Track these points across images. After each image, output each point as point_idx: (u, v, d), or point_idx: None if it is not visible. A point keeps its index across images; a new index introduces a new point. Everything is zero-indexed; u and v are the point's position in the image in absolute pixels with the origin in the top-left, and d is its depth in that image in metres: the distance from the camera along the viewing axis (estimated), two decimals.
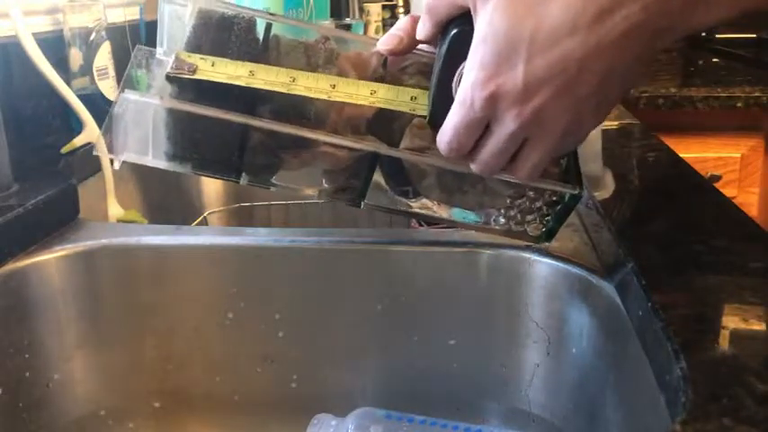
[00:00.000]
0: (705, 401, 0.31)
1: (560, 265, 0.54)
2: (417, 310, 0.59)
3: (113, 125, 0.47)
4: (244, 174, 0.49)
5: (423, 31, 0.43)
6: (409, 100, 0.45)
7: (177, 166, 0.49)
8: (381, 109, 0.47)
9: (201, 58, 0.46)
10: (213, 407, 0.62)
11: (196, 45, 0.47)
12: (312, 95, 0.46)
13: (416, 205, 0.51)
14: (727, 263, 0.44)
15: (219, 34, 0.47)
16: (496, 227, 0.51)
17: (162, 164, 0.49)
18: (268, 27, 0.48)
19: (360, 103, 0.46)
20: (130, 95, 0.47)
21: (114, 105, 0.47)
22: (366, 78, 0.47)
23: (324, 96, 0.45)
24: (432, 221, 0.57)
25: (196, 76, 0.45)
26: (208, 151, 0.49)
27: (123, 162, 0.49)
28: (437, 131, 0.42)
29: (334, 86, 0.46)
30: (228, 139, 0.48)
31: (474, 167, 0.43)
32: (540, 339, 0.56)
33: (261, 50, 0.48)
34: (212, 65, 0.46)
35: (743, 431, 0.29)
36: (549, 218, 0.49)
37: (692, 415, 0.30)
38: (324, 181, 0.52)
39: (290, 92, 0.46)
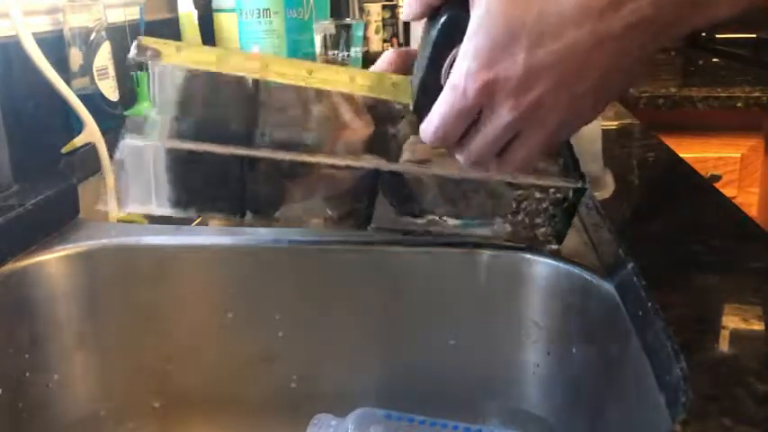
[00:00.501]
0: (705, 401, 0.31)
1: (560, 264, 0.54)
2: (417, 310, 0.59)
3: (118, 173, 0.48)
4: (248, 211, 0.50)
5: (410, 11, 0.40)
6: (391, 87, 0.43)
7: (181, 211, 0.49)
8: (377, 129, 0.46)
9: (165, 43, 0.44)
10: (213, 407, 0.62)
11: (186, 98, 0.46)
12: (287, 82, 0.44)
13: (423, 222, 0.51)
14: (727, 263, 0.44)
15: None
16: (506, 234, 0.50)
17: (167, 211, 0.49)
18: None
19: (339, 89, 0.44)
20: (130, 141, 0.47)
21: (116, 152, 0.47)
22: (358, 108, 0.46)
23: (301, 83, 0.44)
24: (441, 238, 0.56)
25: (163, 62, 0.44)
26: (210, 190, 0.49)
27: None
28: (421, 120, 0.41)
29: (310, 72, 0.44)
30: (229, 175, 0.48)
31: (461, 158, 0.42)
32: (540, 339, 0.56)
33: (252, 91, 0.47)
34: (177, 49, 0.44)
35: (743, 431, 0.29)
36: (556, 218, 0.49)
37: (693, 415, 0.30)
38: (328, 209, 0.51)
39: (263, 78, 0.44)
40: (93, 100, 0.78)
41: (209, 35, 1.09)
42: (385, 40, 1.60)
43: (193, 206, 0.50)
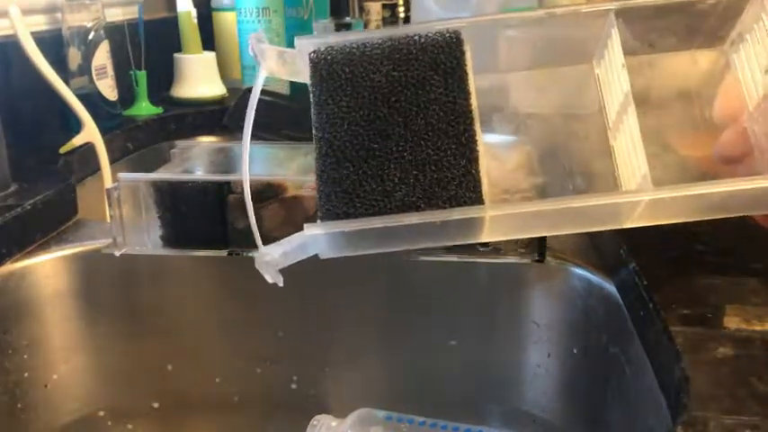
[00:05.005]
0: (706, 402, 0.31)
1: (561, 265, 0.54)
2: (418, 311, 0.59)
3: (112, 211, 0.53)
4: (230, 242, 0.54)
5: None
6: None
7: (171, 249, 0.55)
8: None
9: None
10: (213, 407, 0.62)
11: None
12: None
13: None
14: (727, 263, 0.44)
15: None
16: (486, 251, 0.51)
17: (159, 250, 0.55)
18: None
19: None
20: (123, 175, 0.53)
21: (111, 188, 0.52)
22: None
23: None
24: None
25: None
26: (193, 221, 0.53)
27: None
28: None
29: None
30: (209, 204, 0.52)
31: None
32: (541, 340, 0.56)
33: None
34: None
35: None
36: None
37: (694, 416, 0.30)
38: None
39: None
40: (92, 99, 0.78)
41: (208, 34, 1.09)
42: None
43: (180, 242, 0.55)
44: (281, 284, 0.41)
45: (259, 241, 0.40)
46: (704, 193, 0.37)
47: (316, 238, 0.38)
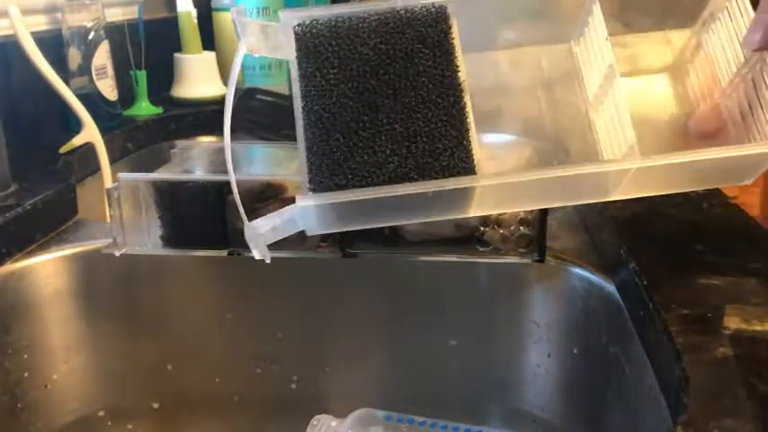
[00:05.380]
0: (706, 402, 0.31)
1: (561, 265, 0.54)
2: (418, 311, 0.59)
3: (112, 211, 0.53)
4: (230, 242, 0.53)
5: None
6: None
7: (171, 249, 0.54)
8: None
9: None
10: (213, 407, 0.62)
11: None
12: None
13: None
14: (727, 263, 0.44)
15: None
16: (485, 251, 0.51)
17: (159, 250, 0.54)
18: None
19: None
20: (123, 175, 0.52)
21: (111, 188, 0.52)
22: None
23: None
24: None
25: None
26: (193, 221, 0.53)
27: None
28: None
29: None
30: (209, 204, 0.52)
31: None
32: (541, 340, 0.56)
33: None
34: None
35: None
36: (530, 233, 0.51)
37: (694, 416, 0.30)
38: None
39: None
40: (92, 99, 0.78)
41: (208, 34, 1.09)
42: None
43: (180, 242, 0.54)
44: (268, 261, 0.41)
45: (244, 217, 0.39)
46: (688, 161, 0.38)
47: (306, 211, 0.38)
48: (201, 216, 0.54)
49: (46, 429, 0.57)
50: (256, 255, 0.41)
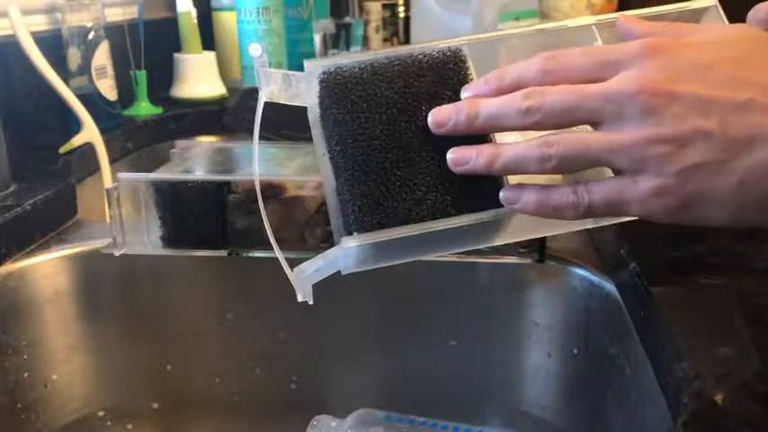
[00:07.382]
0: (706, 402, 0.31)
1: (561, 265, 0.54)
2: (418, 311, 0.59)
3: (112, 211, 0.53)
4: (230, 242, 0.54)
5: None
6: None
7: (171, 249, 0.55)
8: None
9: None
10: (212, 407, 0.62)
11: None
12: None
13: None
14: (727, 263, 0.44)
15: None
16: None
17: (159, 250, 0.55)
18: None
19: None
20: (123, 175, 0.53)
21: (111, 188, 0.53)
22: None
23: None
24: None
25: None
26: (193, 221, 0.54)
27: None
28: None
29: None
30: (209, 204, 0.53)
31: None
32: (541, 340, 0.56)
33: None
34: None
35: None
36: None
37: (694, 416, 0.30)
38: (306, 234, 0.54)
39: None
40: (92, 99, 0.78)
41: (207, 34, 1.09)
42: (385, 39, 1.60)
43: (180, 242, 0.54)
44: (311, 302, 0.42)
45: (286, 267, 0.41)
46: None
47: (349, 252, 0.39)
48: (201, 216, 0.54)
49: (46, 429, 0.57)
50: (300, 297, 0.41)
